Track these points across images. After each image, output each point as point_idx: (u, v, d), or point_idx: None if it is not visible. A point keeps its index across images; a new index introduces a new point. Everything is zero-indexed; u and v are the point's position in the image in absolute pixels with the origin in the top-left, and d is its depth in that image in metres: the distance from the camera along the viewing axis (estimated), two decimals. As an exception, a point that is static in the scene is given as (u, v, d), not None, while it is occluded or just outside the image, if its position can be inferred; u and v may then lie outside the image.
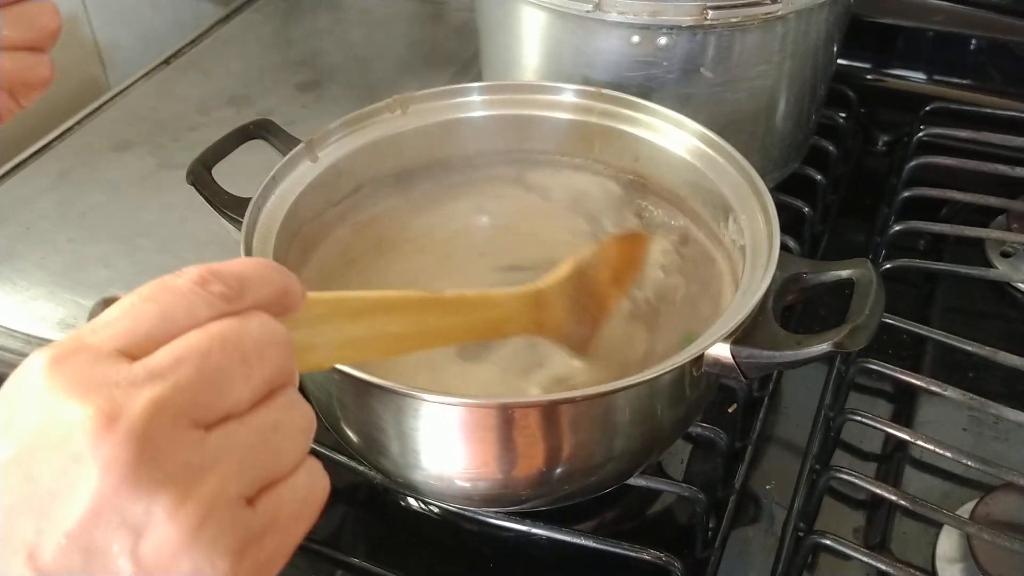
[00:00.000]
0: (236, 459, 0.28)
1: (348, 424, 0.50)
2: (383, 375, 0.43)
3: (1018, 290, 0.74)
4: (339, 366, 0.43)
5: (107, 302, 0.30)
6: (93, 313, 0.31)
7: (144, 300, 0.29)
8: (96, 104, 0.89)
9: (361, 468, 0.58)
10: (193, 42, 0.98)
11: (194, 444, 0.28)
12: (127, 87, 0.91)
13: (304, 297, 0.33)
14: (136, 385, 0.27)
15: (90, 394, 0.27)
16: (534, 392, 0.55)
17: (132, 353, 0.28)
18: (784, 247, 0.51)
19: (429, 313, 0.41)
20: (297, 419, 0.31)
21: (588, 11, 0.64)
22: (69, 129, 0.86)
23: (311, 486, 0.31)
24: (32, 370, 0.28)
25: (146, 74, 0.93)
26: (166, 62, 0.94)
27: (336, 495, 0.60)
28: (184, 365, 0.28)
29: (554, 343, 0.52)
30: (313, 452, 0.61)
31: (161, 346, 0.28)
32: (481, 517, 0.57)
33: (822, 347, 0.46)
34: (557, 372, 0.56)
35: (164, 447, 0.27)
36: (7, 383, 0.28)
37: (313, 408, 0.30)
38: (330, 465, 0.61)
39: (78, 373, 0.27)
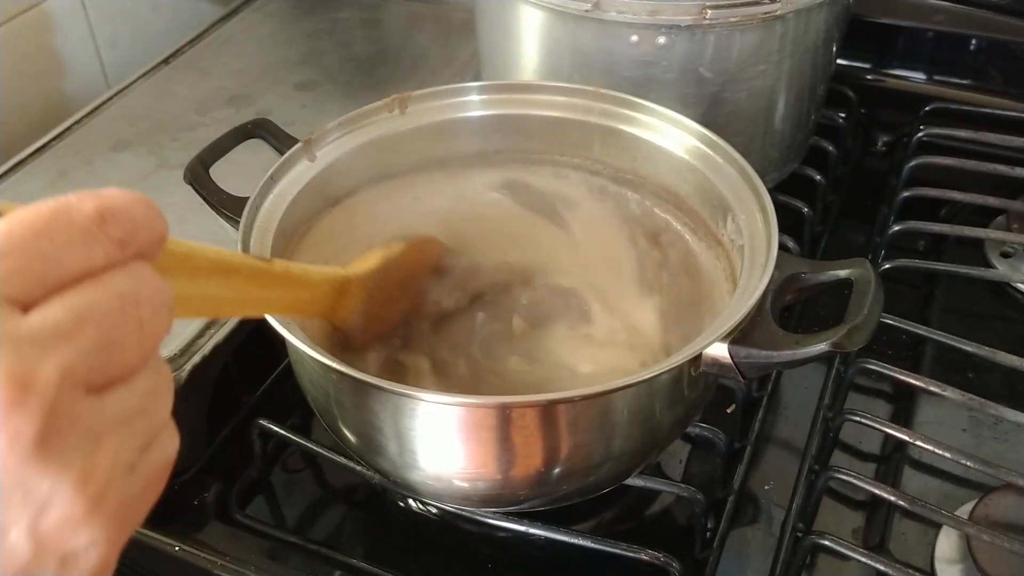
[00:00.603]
0: (127, 426, 0.28)
1: (346, 424, 0.50)
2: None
3: (1018, 290, 0.74)
4: (339, 366, 0.43)
5: None
6: None
7: (37, 235, 0.26)
8: (95, 104, 0.89)
9: (359, 469, 0.58)
10: (192, 42, 0.98)
11: (92, 411, 0.26)
12: (126, 87, 0.91)
13: (165, 242, 0.31)
14: (41, 346, 0.25)
15: None
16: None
17: (20, 300, 0.25)
18: (783, 247, 0.50)
19: (255, 282, 0.41)
20: (167, 380, 0.30)
21: (587, 10, 0.64)
22: (68, 128, 0.86)
23: (172, 444, 0.30)
24: None
25: (145, 74, 0.93)
26: (165, 62, 0.94)
27: (334, 495, 0.62)
28: (86, 325, 0.26)
29: (336, 329, 0.52)
30: (311, 452, 0.61)
31: (52, 292, 0.26)
32: (479, 517, 0.57)
33: (820, 347, 0.46)
34: None
35: (68, 417, 0.25)
36: None
37: (312, 407, 0.30)
38: (329, 465, 0.62)
39: None
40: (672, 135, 0.60)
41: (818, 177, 0.80)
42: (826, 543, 0.54)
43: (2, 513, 0.25)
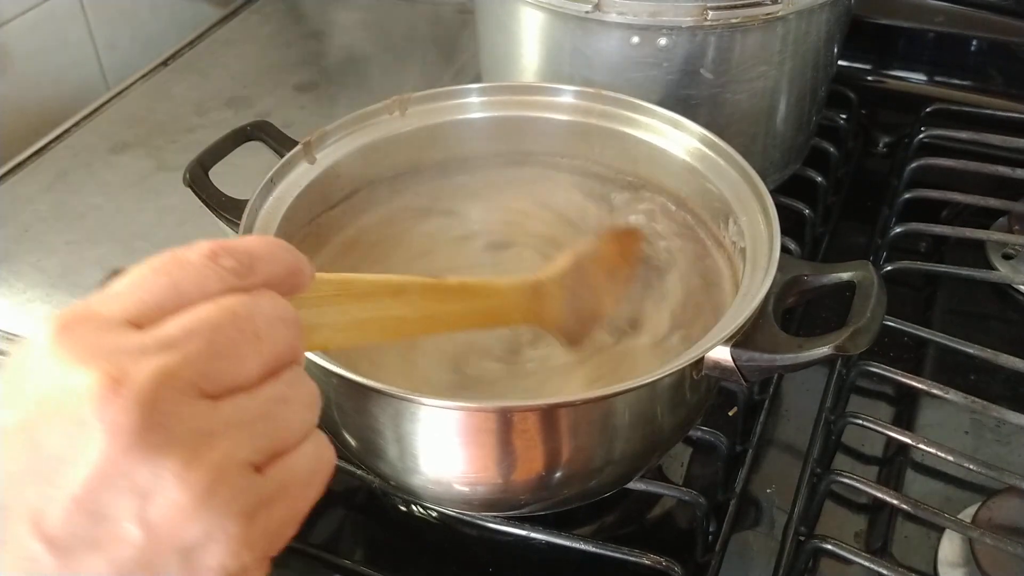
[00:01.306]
0: (245, 428, 0.28)
1: (346, 428, 0.50)
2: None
3: (1019, 292, 0.74)
4: (337, 369, 0.43)
5: (116, 273, 0.30)
6: (102, 284, 0.30)
7: (155, 272, 0.29)
8: (94, 106, 0.89)
9: (359, 472, 0.58)
10: (191, 43, 0.97)
11: (203, 412, 0.27)
12: (125, 88, 0.91)
13: (312, 277, 0.33)
14: (145, 353, 0.27)
15: (96, 360, 0.26)
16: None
17: (141, 323, 0.28)
18: (785, 249, 0.50)
19: (432, 299, 0.41)
20: (304, 394, 0.31)
21: (587, 12, 0.64)
22: (67, 131, 0.86)
23: (318, 456, 0.31)
24: (39, 337, 0.27)
25: (144, 75, 0.93)
26: (164, 63, 0.94)
27: (334, 499, 0.61)
28: (195, 336, 0.28)
29: (550, 334, 0.52)
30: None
31: (167, 316, 0.28)
32: (480, 521, 0.57)
33: (823, 350, 0.45)
34: None
35: (171, 413, 0.27)
36: (16, 350, 0.28)
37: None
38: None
39: (85, 340, 0.27)
40: (673, 137, 0.60)
41: (819, 179, 0.80)
42: (828, 547, 0.54)
43: (112, 501, 0.26)
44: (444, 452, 0.47)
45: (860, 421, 0.60)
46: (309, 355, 0.44)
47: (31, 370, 0.27)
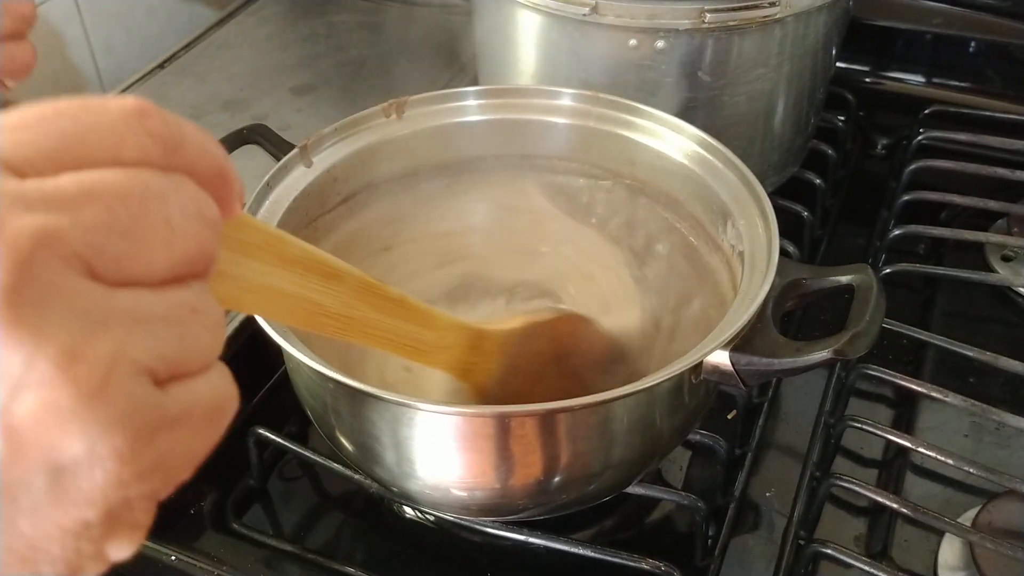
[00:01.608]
0: (145, 325, 0.22)
1: (343, 433, 0.50)
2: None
3: (1019, 294, 0.74)
4: (334, 374, 0.43)
5: (6, 103, 0.24)
6: None
7: (58, 113, 0.23)
8: (90, 108, 0.88)
9: (357, 477, 0.57)
10: (188, 46, 0.97)
11: (91, 293, 0.22)
12: (121, 92, 0.91)
13: (240, 204, 0.27)
14: (25, 205, 0.21)
15: None
16: None
17: (24, 171, 0.22)
18: (783, 252, 0.50)
19: (364, 300, 0.36)
20: (214, 313, 0.25)
21: (585, 15, 0.64)
22: (63, 134, 0.85)
23: (225, 390, 0.25)
24: None
25: (140, 78, 0.92)
26: (160, 66, 0.94)
27: (332, 503, 0.61)
28: (92, 201, 0.22)
29: (467, 390, 0.49)
30: (308, 460, 0.60)
31: (60, 170, 0.22)
32: (478, 526, 0.57)
33: (822, 354, 0.45)
34: None
35: (55, 286, 0.21)
36: None
37: (308, 415, 0.27)
38: (326, 474, 0.61)
39: None
40: (671, 139, 0.59)
41: (818, 181, 0.80)
42: (828, 551, 0.54)
43: None
44: (442, 457, 0.46)
45: (859, 424, 0.60)
46: (307, 360, 0.44)
47: None
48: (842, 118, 0.87)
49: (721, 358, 0.46)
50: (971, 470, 0.56)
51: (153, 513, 0.24)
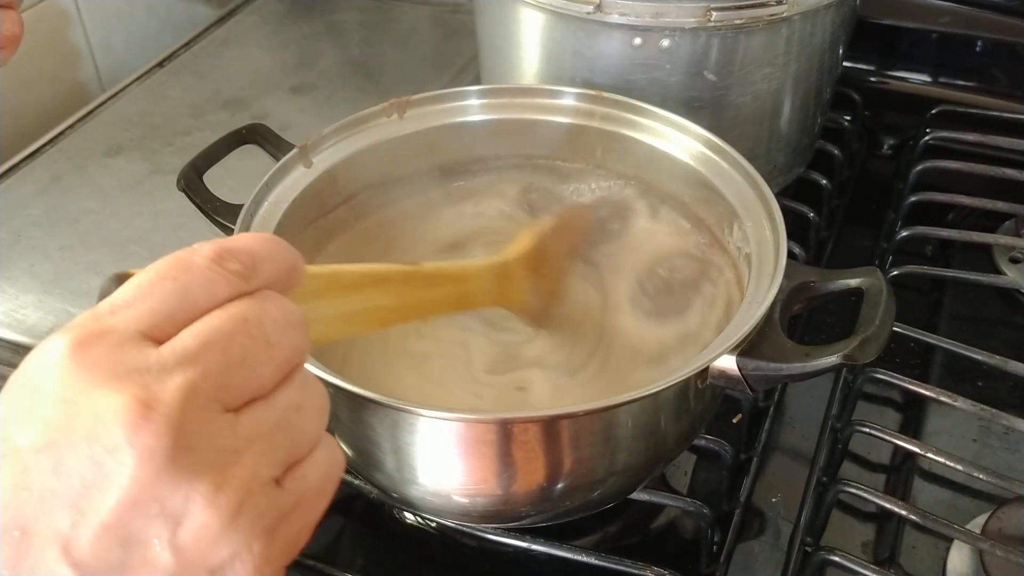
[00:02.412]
0: (265, 441, 0.28)
1: (342, 438, 0.49)
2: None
3: (1028, 297, 0.73)
4: (334, 380, 0.42)
5: (120, 278, 0.29)
6: (105, 291, 0.29)
7: (162, 278, 0.29)
8: (89, 108, 0.88)
9: (357, 483, 0.57)
10: (187, 44, 0.96)
11: (226, 428, 0.27)
12: (120, 90, 0.90)
13: (305, 272, 0.33)
14: (167, 371, 0.27)
15: (122, 381, 0.26)
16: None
17: (155, 336, 0.28)
18: (789, 253, 0.49)
19: (411, 286, 0.42)
20: (316, 398, 0.31)
21: (589, 13, 0.63)
22: (61, 133, 0.85)
23: (331, 462, 0.31)
24: (53, 353, 0.27)
25: (139, 77, 0.92)
26: (160, 65, 0.93)
27: (332, 508, 0.59)
28: (211, 349, 0.28)
29: (516, 314, 0.53)
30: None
31: (182, 327, 0.28)
32: (480, 533, 0.56)
33: (831, 359, 0.44)
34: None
35: (199, 433, 0.27)
36: (24, 367, 0.28)
37: None
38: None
39: (105, 358, 0.27)
40: (676, 140, 0.59)
41: (824, 181, 0.79)
42: (835, 558, 0.53)
43: (143, 526, 0.26)
44: (443, 464, 0.46)
45: (867, 429, 0.59)
46: (305, 364, 0.43)
47: (48, 388, 0.27)
48: (848, 118, 0.86)
49: (728, 363, 0.45)
50: (980, 475, 0.55)
51: None
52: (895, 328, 0.64)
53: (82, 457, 0.26)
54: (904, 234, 0.74)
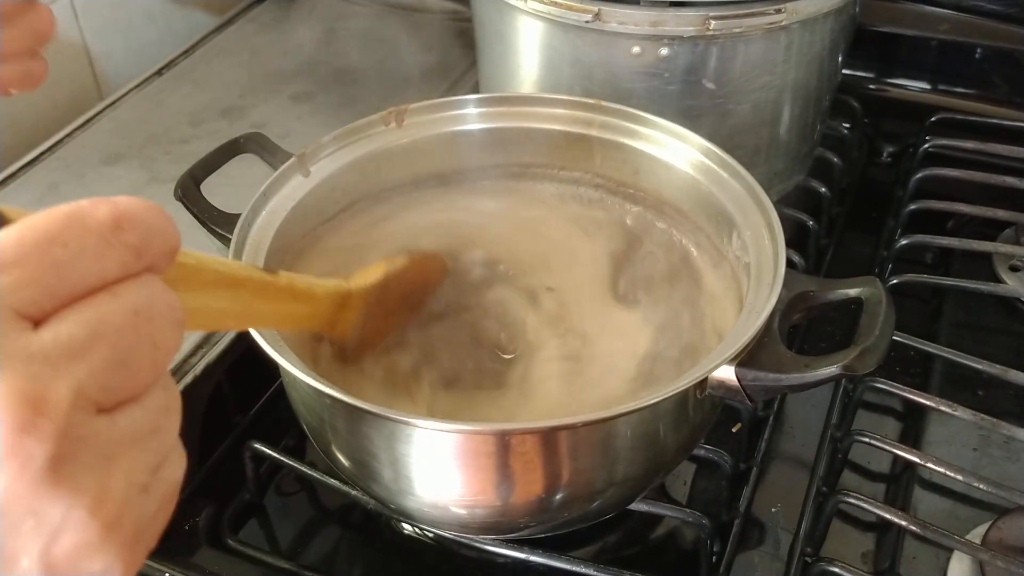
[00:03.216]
0: (139, 446, 0.26)
1: (340, 449, 0.49)
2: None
3: (1028, 305, 0.73)
4: (332, 391, 0.42)
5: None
6: None
7: (50, 242, 0.25)
8: (87, 116, 0.87)
9: (354, 493, 0.56)
10: (186, 52, 0.96)
11: (104, 433, 0.25)
12: (118, 98, 0.90)
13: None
14: (52, 365, 0.24)
15: (2, 369, 0.23)
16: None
17: (30, 313, 0.24)
18: (788, 262, 0.49)
19: (259, 296, 0.40)
20: (176, 398, 0.28)
21: (587, 21, 0.63)
22: (59, 141, 0.84)
23: (182, 463, 0.29)
24: None
25: (138, 85, 0.91)
26: (158, 73, 0.93)
27: (329, 518, 0.60)
28: (100, 343, 0.25)
29: (331, 340, 0.52)
30: (304, 474, 0.59)
31: (62, 305, 0.25)
32: (478, 544, 0.56)
33: (831, 370, 0.44)
34: None
35: (81, 438, 0.24)
36: None
37: (304, 428, 0.29)
38: (323, 488, 0.60)
39: None
40: (675, 148, 0.58)
41: (823, 189, 0.79)
42: (835, 569, 0.53)
43: (13, 541, 0.24)
44: (441, 475, 0.45)
45: (867, 439, 0.59)
46: (303, 376, 0.43)
47: None
48: (847, 126, 0.86)
49: (727, 373, 0.45)
50: (980, 485, 0.55)
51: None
52: (895, 337, 0.63)
53: None
54: (904, 242, 0.74)
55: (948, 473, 0.56)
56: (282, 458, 0.59)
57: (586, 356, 0.57)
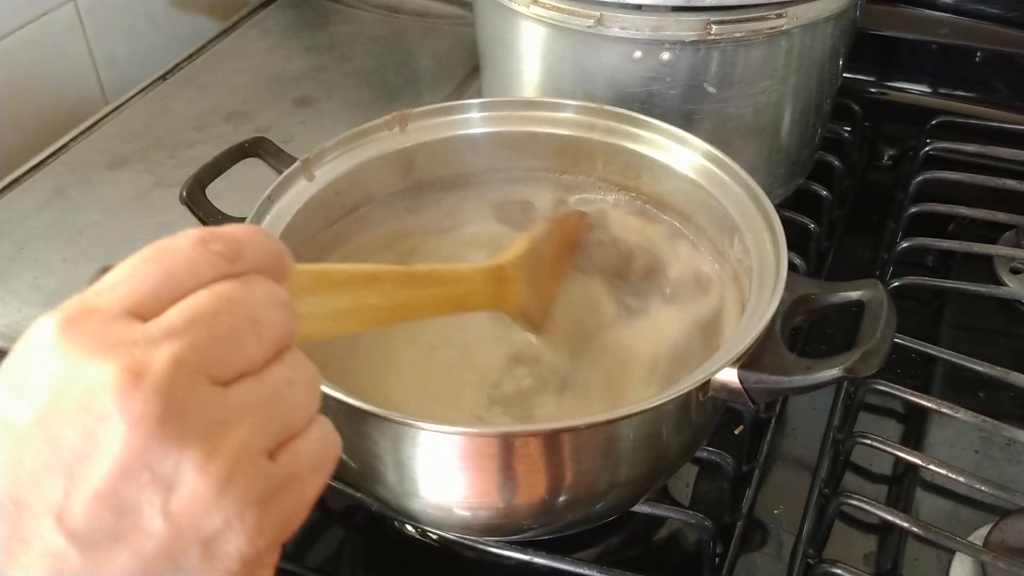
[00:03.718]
0: (256, 414, 0.29)
1: (344, 451, 0.49)
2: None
3: (1029, 308, 0.73)
4: (335, 392, 0.42)
5: (106, 269, 0.30)
6: (93, 281, 0.30)
7: (146, 262, 0.29)
8: (92, 120, 0.88)
9: (359, 495, 0.57)
10: (190, 57, 0.97)
11: (216, 399, 0.28)
12: (123, 103, 0.90)
13: (293, 266, 0.33)
14: (154, 343, 0.27)
15: (110, 353, 0.27)
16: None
17: (141, 314, 0.28)
18: (790, 265, 0.49)
19: (404, 286, 0.42)
20: (307, 375, 0.31)
21: (589, 26, 0.63)
22: (64, 146, 0.85)
23: (325, 440, 0.31)
24: (43, 333, 0.28)
25: (143, 90, 0.92)
26: (163, 78, 0.94)
27: (333, 518, 0.60)
28: (197, 324, 0.28)
29: (512, 317, 0.53)
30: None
31: (168, 306, 0.29)
32: (481, 546, 0.56)
33: (832, 372, 0.44)
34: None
35: (189, 403, 0.27)
36: (17, 348, 0.28)
37: None
38: (327, 489, 0.60)
39: (92, 334, 0.27)
40: (677, 152, 0.59)
41: (824, 192, 0.79)
42: (837, 571, 0.53)
43: (134, 492, 0.26)
44: (445, 477, 0.46)
45: (869, 441, 0.59)
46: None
47: (39, 365, 0.27)
48: (848, 129, 0.87)
49: (729, 376, 0.45)
50: (982, 487, 0.56)
51: (279, 555, 0.30)
52: (896, 339, 0.64)
53: (73, 427, 0.26)
54: (905, 245, 0.75)
55: (950, 475, 0.56)
56: (287, 460, 0.59)
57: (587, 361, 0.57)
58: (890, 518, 0.55)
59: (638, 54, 0.64)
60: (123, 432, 0.26)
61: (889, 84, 0.94)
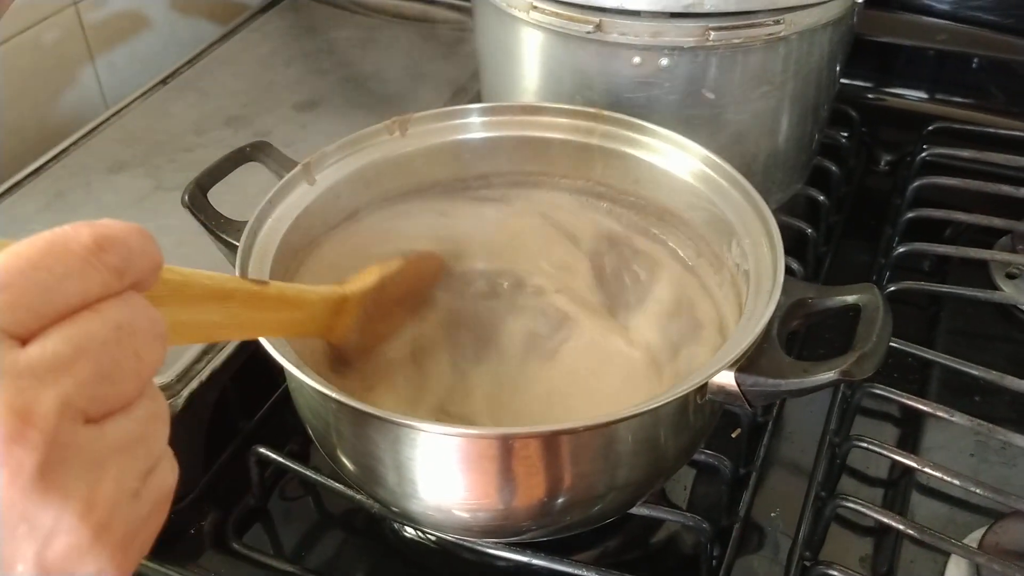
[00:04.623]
0: (128, 453, 0.28)
1: (345, 453, 0.49)
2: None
3: (1024, 312, 0.73)
4: (338, 396, 0.43)
5: None
6: None
7: (34, 267, 0.26)
8: (92, 124, 0.88)
9: (359, 497, 0.57)
10: (190, 62, 0.97)
11: (93, 441, 0.27)
12: (123, 107, 0.90)
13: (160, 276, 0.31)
14: (39, 379, 0.25)
15: None
16: None
17: (17, 333, 0.26)
18: (787, 269, 0.50)
19: (249, 307, 0.41)
20: (164, 408, 0.30)
21: (589, 32, 0.64)
22: (64, 150, 0.85)
23: (173, 467, 0.30)
24: None
25: (143, 94, 0.92)
26: (163, 82, 0.94)
27: (333, 522, 0.61)
28: (85, 357, 0.26)
29: (330, 346, 0.52)
30: (308, 479, 0.60)
31: (48, 324, 0.26)
32: (480, 547, 0.56)
33: (829, 375, 0.45)
34: None
35: (69, 447, 0.26)
36: None
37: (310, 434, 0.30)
38: (328, 493, 0.61)
39: None
40: (675, 157, 0.59)
41: (821, 198, 0.80)
42: (833, 573, 0.53)
43: (8, 547, 0.25)
44: (444, 479, 0.46)
45: (865, 444, 0.59)
46: (309, 380, 0.44)
47: None
48: (845, 134, 0.87)
49: (727, 379, 0.45)
50: (977, 490, 0.56)
51: None
52: (893, 343, 0.64)
53: None
54: (901, 250, 0.75)
55: (945, 478, 0.56)
56: (287, 462, 0.60)
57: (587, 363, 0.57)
58: (886, 521, 0.55)
59: (637, 60, 0.65)
60: (1, 483, 0.24)
61: (886, 90, 0.94)
